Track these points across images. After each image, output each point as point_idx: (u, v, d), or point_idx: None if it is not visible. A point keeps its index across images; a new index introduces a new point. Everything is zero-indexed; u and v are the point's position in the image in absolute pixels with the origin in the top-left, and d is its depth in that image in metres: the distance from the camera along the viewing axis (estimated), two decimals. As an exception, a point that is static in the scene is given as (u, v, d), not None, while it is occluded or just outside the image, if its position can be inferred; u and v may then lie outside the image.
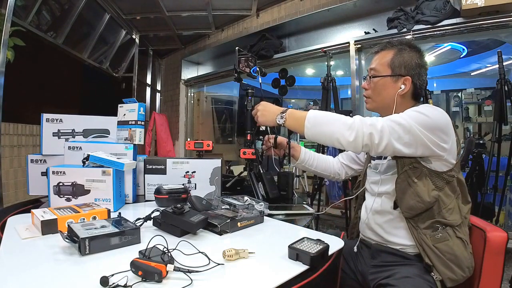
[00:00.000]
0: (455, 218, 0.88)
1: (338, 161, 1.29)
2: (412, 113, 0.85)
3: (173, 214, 0.78)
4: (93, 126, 1.28)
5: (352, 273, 1.03)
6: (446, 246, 0.85)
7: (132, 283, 0.52)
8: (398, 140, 0.82)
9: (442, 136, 0.84)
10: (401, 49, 0.98)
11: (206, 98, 4.76)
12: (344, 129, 0.84)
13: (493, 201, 2.15)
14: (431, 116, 0.83)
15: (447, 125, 0.86)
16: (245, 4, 3.52)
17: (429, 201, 0.85)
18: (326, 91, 2.44)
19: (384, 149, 0.83)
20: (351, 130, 0.83)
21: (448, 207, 0.87)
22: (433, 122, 0.83)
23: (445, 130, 0.85)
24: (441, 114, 0.86)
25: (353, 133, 0.83)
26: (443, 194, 0.87)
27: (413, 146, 0.83)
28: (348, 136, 0.84)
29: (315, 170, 1.28)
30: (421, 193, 0.85)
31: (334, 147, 2.54)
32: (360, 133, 0.83)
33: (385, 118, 0.85)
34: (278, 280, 0.56)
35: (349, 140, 0.84)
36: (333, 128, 0.86)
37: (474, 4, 1.98)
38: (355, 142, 0.84)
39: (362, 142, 0.83)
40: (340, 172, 1.27)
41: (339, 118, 0.87)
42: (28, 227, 0.80)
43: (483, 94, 3.32)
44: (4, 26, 2.08)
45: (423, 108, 0.86)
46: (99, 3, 3.28)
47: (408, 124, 0.82)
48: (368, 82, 1.04)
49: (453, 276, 0.83)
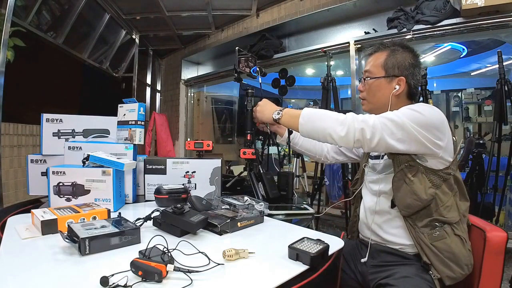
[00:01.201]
0: (453, 215, 0.88)
1: (326, 146, 1.28)
2: (405, 111, 0.86)
3: (173, 214, 0.78)
4: (93, 126, 1.28)
5: (352, 273, 1.03)
6: (444, 244, 0.85)
7: (132, 283, 0.52)
8: (391, 136, 0.83)
9: (437, 134, 0.85)
10: (394, 50, 0.99)
11: (206, 98, 4.76)
12: (336, 125, 0.86)
13: (493, 201, 2.15)
14: (424, 113, 0.84)
15: (441, 123, 0.86)
16: (245, 4, 3.52)
17: (426, 199, 0.85)
18: (326, 91, 2.44)
19: (376, 144, 0.84)
20: (343, 125, 0.85)
21: (445, 205, 0.87)
22: (426, 120, 0.84)
23: (439, 128, 0.85)
24: (435, 112, 0.87)
25: (344, 128, 0.85)
26: (440, 192, 0.87)
27: (407, 142, 0.84)
28: (340, 131, 0.85)
29: (300, 149, 1.28)
30: (417, 191, 0.86)
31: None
32: (352, 129, 0.84)
33: (377, 115, 0.86)
34: (278, 280, 0.56)
35: (340, 135, 0.85)
36: (325, 124, 0.88)
37: (474, 4, 1.97)
38: (346, 137, 0.85)
39: (354, 137, 0.84)
40: (327, 155, 1.27)
41: (331, 115, 0.90)
42: (28, 227, 0.80)
43: (483, 94, 3.32)
44: (4, 26, 2.08)
45: (417, 106, 0.87)
46: (99, 3, 3.28)
47: (401, 120, 0.83)
48: (363, 84, 1.04)
49: (451, 274, 0.83)
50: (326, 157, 1.27)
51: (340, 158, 1.26)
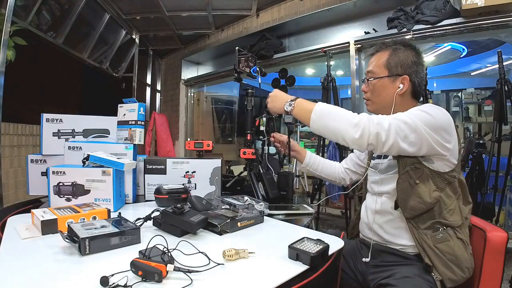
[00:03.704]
0: (455, 219, 0.87)
1: (342, 167, 1.28)
2: (417, 112, 0.84)
3: (173, 214, 0.78)
4: (93, 126, 1.28)
5: (352, 273, 1.03)
6: (447, 247, 0.85)
7: (132, 283, 0.52)
8: (404, 140, 0.81)
9: (445, 136, 0.84)
10: (395, 49, 0.98)
11: (206, 98, 4.76)
12: (350, 127, 0.82)
13: (493, 201, 2.15)
14: (434, 115, 0.83)
15: (449, 124, 0.86)
16: (245, 4, 3.52)
17: (430, 202, 0.85)
18: (326, 91, 2.44)
19: (389, 148, 0.82)
20: (357, 127, 0.82)
21: (449, 208, 0.87)
22: (437, 122, 0.83)
23: (448, 130, 0.85)
24: (444, 113, 0.86)
25: (358, 131, 0.81)
26: (444, 195, 0.87)
27: (418, 145, 0.83)
28: (354, 134, 0.82)
29: (320, 174, 1.27)
30: (422, 194, 0.85)
31: (334, 147, 2.54)
32: (366, 132, 0.81)
33: (391, 117, 0.84)
34: (278, 280, 0.56)
35: (354, 137, 0.82)
36: (338, 125, 0.85)
37: (474, 4, 1.97)
38: (360, 140, 0.82)
39: (368, 141, 0.82)
40: (344, 177, 1.27)
41: (345, 115, 0.85)
42: (28, 227, 0.80)
43: (483, 94, 3.32)
44: (4, 26, 2.08)
45: (427, 107, 0.86)
46: (99, 3, 3.28)
47: (414, 123, 0.81)
48: (366, 85, 1.04)
49: (453, 277, 0.83)
50: (343, 179, 1.27)
51: (354, 177, 1.26)
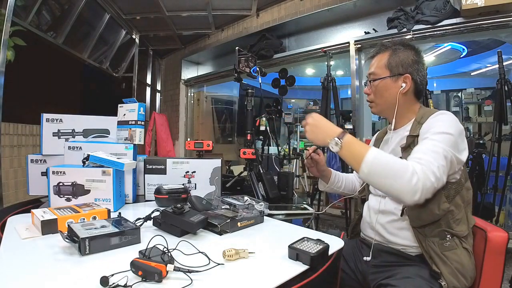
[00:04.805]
0: (462, 229, 0.87)
1: (355, 176, 1.27)
2: (442, 137, 0.81)
3: (173, 214, 0.78)
4: (93, 126, 1.28)
5: (352, 273, 1.03)
6: (455, 255, 0.84)
7: (132, 283, 0.52)
8: (446, 175, 0.80)
9: (460, 147, 0.84)
10: (395, 49, 0.99)
11: (206, 98, 4.77)
12: (407, 189, 0.75)
13: (493, 201, 2.15)
14: (454, 133, 0.83)
15: (462, 132, 0.86)
16: (245, 4, 3.52)
17: (438, 214, 0.85)
18: (326, 91, 2.44)
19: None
20: (415, 191, 0.75)
21: (455, 218, 0.87)
22: (456, 139, 0.83)
23: (462, 137, 0.85)
24: (457, 124, 0.86)
25: (417, 193, 0.75)
26: (453, 205, 0.86)
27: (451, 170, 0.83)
28: (412, 197, 0.76)
29: (343, 191, 1.25)
30: (431, 207, 0.84)
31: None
32: (425, 192, 0.76)
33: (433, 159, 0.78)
34: (278, 280, 0.56)
35: (414, 200, 0.76)
36: (394, 184, 0.77)
37: (474, 4, 1.98)
38: (419, 200, 0.77)
39: (426, 197, 0.77)
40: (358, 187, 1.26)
41: (402, 174, 0.76)
42: (28, 227, 0.80)
43: (483, 94, 3.32)
44: (4, 26, 2.08)
45: (446, 126, 0.84)
46: (99, 3, 3.28)
47: (448, 154, 0.80)
48: (369, 87, 1.04)
49: (457, 285, 0.83)
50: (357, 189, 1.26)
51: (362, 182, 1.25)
